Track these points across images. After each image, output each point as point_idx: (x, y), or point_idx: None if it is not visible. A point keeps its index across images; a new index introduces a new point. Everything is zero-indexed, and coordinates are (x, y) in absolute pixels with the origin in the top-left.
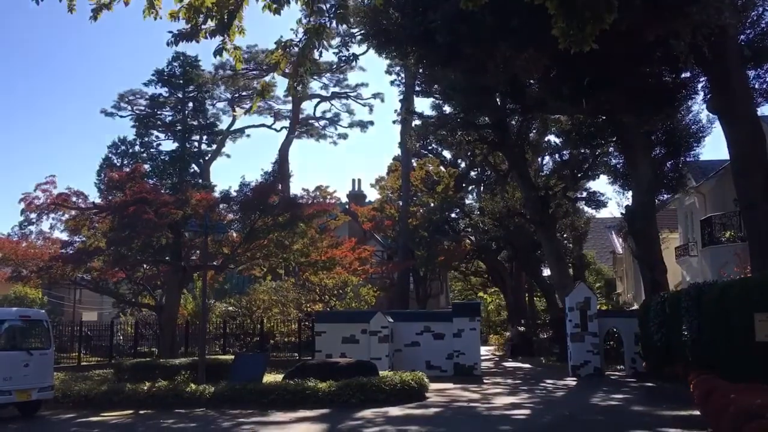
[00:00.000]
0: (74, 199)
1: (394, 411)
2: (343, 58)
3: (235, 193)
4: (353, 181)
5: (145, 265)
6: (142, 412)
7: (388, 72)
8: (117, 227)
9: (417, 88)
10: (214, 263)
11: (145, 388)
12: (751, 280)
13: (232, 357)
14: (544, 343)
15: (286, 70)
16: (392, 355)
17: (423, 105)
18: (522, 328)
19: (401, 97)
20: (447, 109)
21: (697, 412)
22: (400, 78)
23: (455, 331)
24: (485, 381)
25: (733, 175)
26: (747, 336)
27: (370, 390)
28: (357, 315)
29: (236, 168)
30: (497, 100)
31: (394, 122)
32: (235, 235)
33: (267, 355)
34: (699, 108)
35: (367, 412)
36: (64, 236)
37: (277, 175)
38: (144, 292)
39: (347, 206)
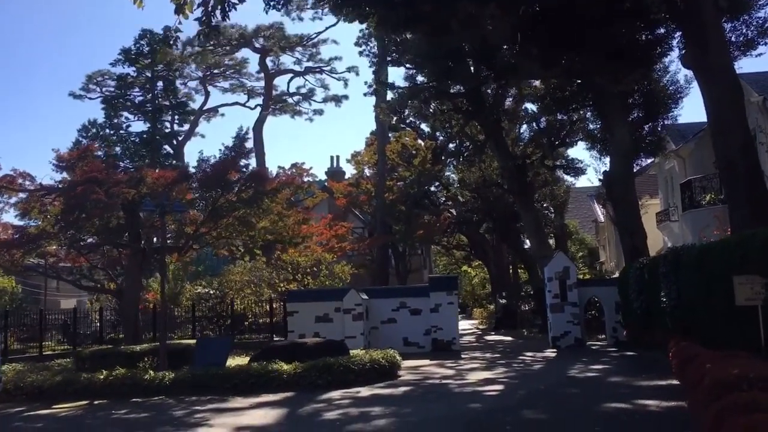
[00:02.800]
0: (20, 180)
1: (363, 391)
2: None
3: (194, 170)
4: (331, 158)
5: (105, 249)
6: (97, 402)
7: (358, 43)
8: (65, 209)
9: (388, 58)
10: (178, 244)
11: (102, 377)
12: (730, 241)
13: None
14: (527, 315)
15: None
16: (368, 333)
17: (396, 76)
18: (503, 301)
19: (373, 68)
20: (420, 79)
21: (676, 382)
22: (369, 47)
23: (432, 306)
24: (463, 356)
25: (710, 133)
26: (727, 300)
27: (337, 371)
28: (330, 293)
29: (211, 148)
30: (470, 67)
31: (365, 95)
32: (198, 214)
33: (231, 339)
34: (676, 68)
35: (334, 394)
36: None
37: (239, 150)
38: (104, 277)
39: (326, 184)
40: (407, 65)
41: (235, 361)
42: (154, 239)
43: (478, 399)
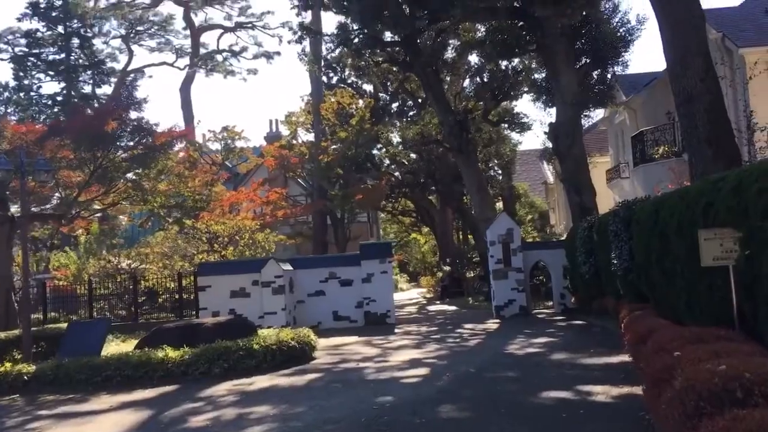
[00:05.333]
0: None
1: (259, 382)
2: None
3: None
4: (270, 122)
5: None
6: None
7: None
8: None
9: (310, 2)
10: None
11: None
12: (692, 189)
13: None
14: (474, 282)
15: None
16: (293, 309)
17: (330, 26)
18: (448, 268)
19: (297, 11)
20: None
21: (628, 358)
22: None
23: (364, 276)
24: (396, 331)
25: (667, 64)
26: (689, 260)
27: (236, 356)
28: (247, 264)
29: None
30: (404, 9)
31: (289, 42)
32: (81, 176)
33: (109, 322)
34: (627, 6)
35: (221, 387)
36: None
37: (128, 99)
38: None
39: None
40: (333, 7)
41: (121, 348)
42: (33, 205)
43: (393, 389)
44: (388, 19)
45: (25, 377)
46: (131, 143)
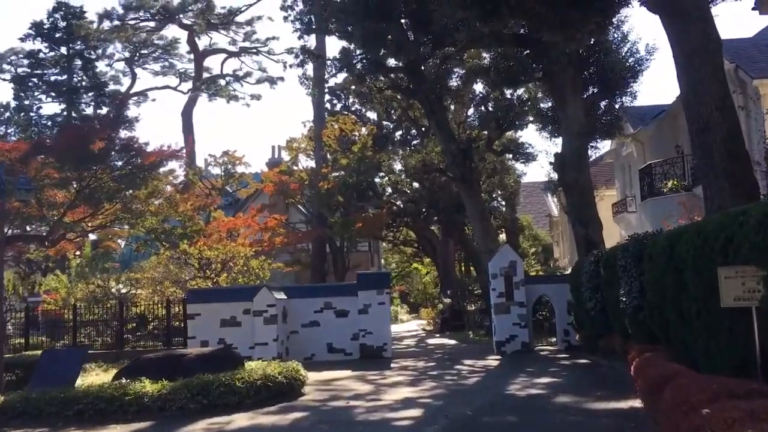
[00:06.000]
0: None
1: (241, 420)
2: None
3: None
4: (273, 148)
5: None
6: None
7: (283, 7)
8: None
9: (313, 26)
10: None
11: None
12: (710, 223)
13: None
14: (475, 315)
15: None
16: (285, 339)
17: (333, 50)
18: (448, 300)
19: (299, 34)
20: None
21: (638, 404)
22: (296, 11)
23: (361, 307)
24: (393, 365)
25: (681, 92)
26: (707, 300)
27: (216, 391)
28: (238, 292)
29: (144, 137)
30: (406, 34)
31: (290, 66)
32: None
33: (85, 351)
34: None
35: (199, 426)
36: None
37: (117, 118)
38: None
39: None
40: (336, 32)
41: (101, 378)
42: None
43: None
44: (392, 44)
45: None
46: (119, 163)
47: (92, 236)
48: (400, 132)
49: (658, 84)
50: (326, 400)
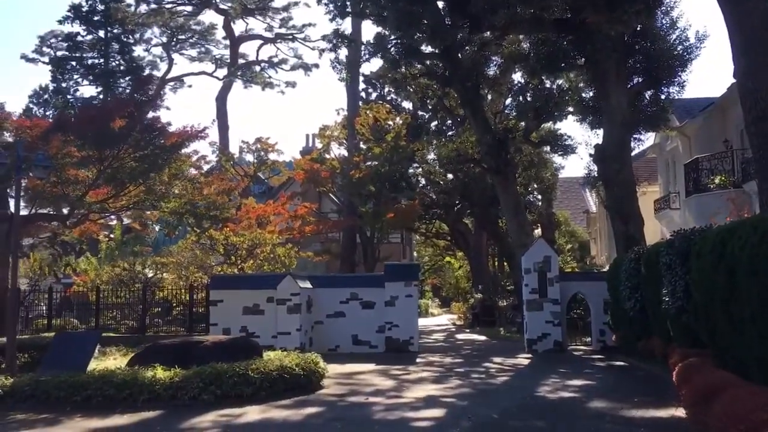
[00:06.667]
0: None
1: (252, 413)
2: None
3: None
4: (307, 136)
5: None
6: None
7: None
8: None
9: (347, 9)
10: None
11: None
12: None
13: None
14: (507, 311)
15: None
16: (309, 329)
17: (367, 36)
18: (480, 295)
19: (331, 17)
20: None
21: (681, 413)
22: None
23: (387, 299)
24: (418, 360)
25: (737, 76)
26: (762, 302)
27: (229, 381)
28: (263, 279)
29: (179, 122)
30: (442, 17)
31: (322, 51)
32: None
33: (98, 334)
34: (686, 23)
35: (208, 417)
36: None
37: (144, 98)
38: None
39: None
40: (370, 15)
41: (117, 362)
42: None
43: None
44: (427, 28)
45: (1, 391)
46: (142, 143)
47: (125, 220)
48: (435, 122)
49: (707, 76)
50: (345, 395)
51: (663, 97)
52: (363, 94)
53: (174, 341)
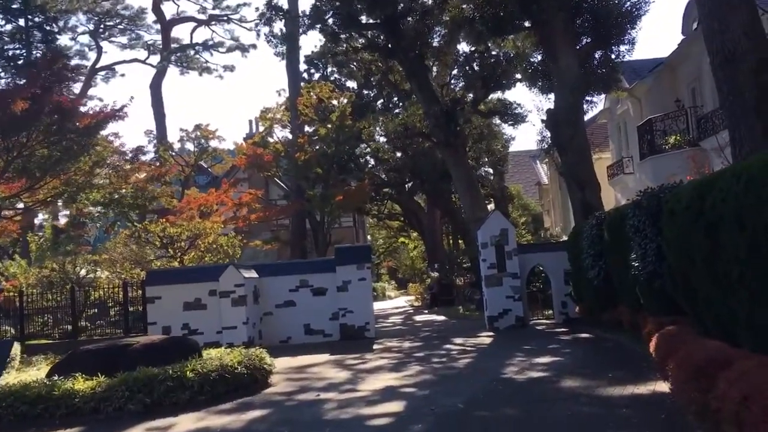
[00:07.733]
0: None
1: (186, 422)
2: None
3: None
4: (250, 122)
5: None
6: None
7: None
8: None
9: None
10: None
11: None
12: (753, 165)
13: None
14: (465, 289)
15: None
16: (258, 322)
17: (304, 6)
18: (436, 274)
19: None
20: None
21: (663, 388)
22: None
23: (340, 284)
24: (375, 347)
25: (702, 18)
26: (751, 259)
27: (161, 387)
28: (203, 272)
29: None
30: None
31: (256, 24)
32: None
33: (10, 343)
34: None
35: (135, 431)
36: None
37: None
38: None
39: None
40: None
41: (39, 373)
42: None
43: None
44: None
45: None
46: (54, 127)
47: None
48: (381, 100)
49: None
50: (294, 392)
51: (613, 56)
52: (305, 75)
53: (99, 346)
